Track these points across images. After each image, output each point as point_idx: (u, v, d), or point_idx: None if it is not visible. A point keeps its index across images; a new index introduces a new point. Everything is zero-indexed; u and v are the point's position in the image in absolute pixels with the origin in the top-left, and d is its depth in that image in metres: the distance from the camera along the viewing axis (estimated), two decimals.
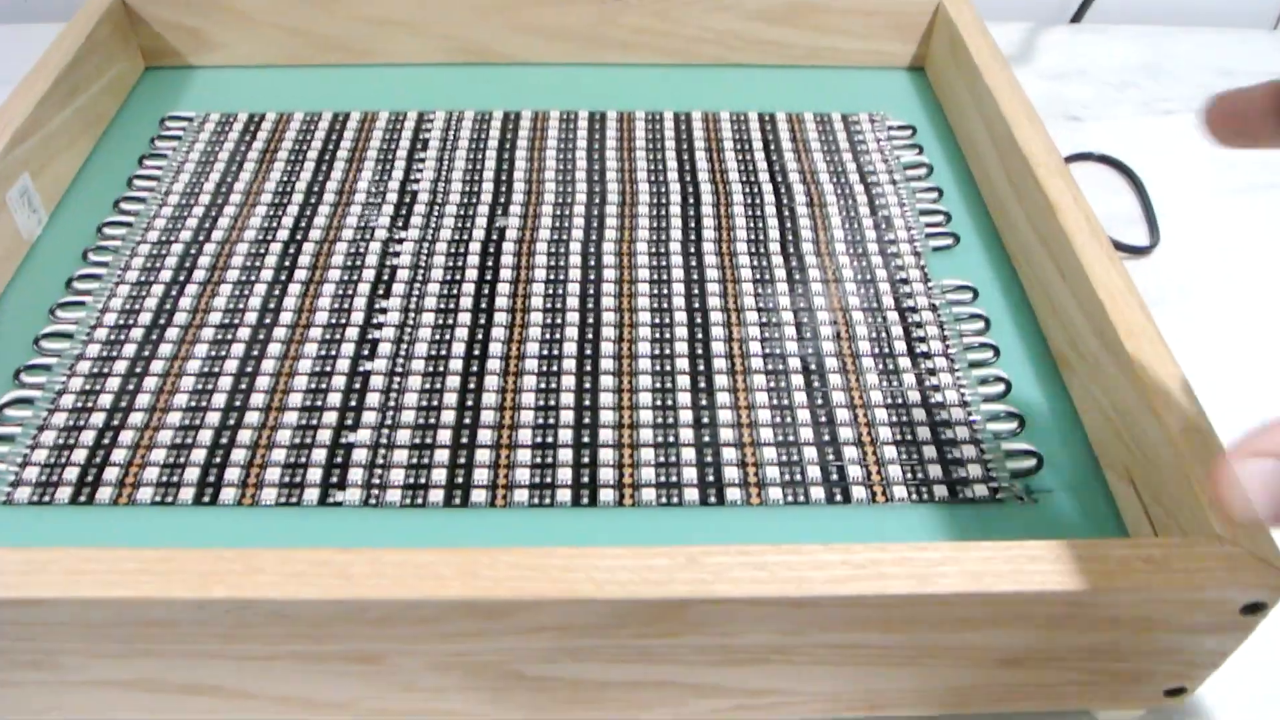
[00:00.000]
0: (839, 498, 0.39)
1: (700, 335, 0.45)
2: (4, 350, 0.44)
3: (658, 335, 0.45)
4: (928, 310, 0.46)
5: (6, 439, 0.41)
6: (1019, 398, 0.43)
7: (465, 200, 0.52)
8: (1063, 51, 0.69)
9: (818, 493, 0.39)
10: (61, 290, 0.47)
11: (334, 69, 0.61)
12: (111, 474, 0.40)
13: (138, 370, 0.43)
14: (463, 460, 0.40)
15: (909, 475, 0.40)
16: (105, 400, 0.42)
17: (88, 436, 0.41)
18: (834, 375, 0.43)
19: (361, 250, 0.49)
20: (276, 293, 0.47)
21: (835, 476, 0.40)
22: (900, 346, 0.45)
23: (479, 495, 0.39)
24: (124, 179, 0.53)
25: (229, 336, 0.45)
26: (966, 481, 0.40)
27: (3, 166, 0.47)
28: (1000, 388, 0.43)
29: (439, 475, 0.40)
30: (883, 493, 0.39)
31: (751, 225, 0.50)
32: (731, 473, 0.40)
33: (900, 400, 0.43)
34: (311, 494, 0.39)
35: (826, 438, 0.41)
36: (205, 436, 0.41)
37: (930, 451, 0.41)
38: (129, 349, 0.44)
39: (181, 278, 0.47)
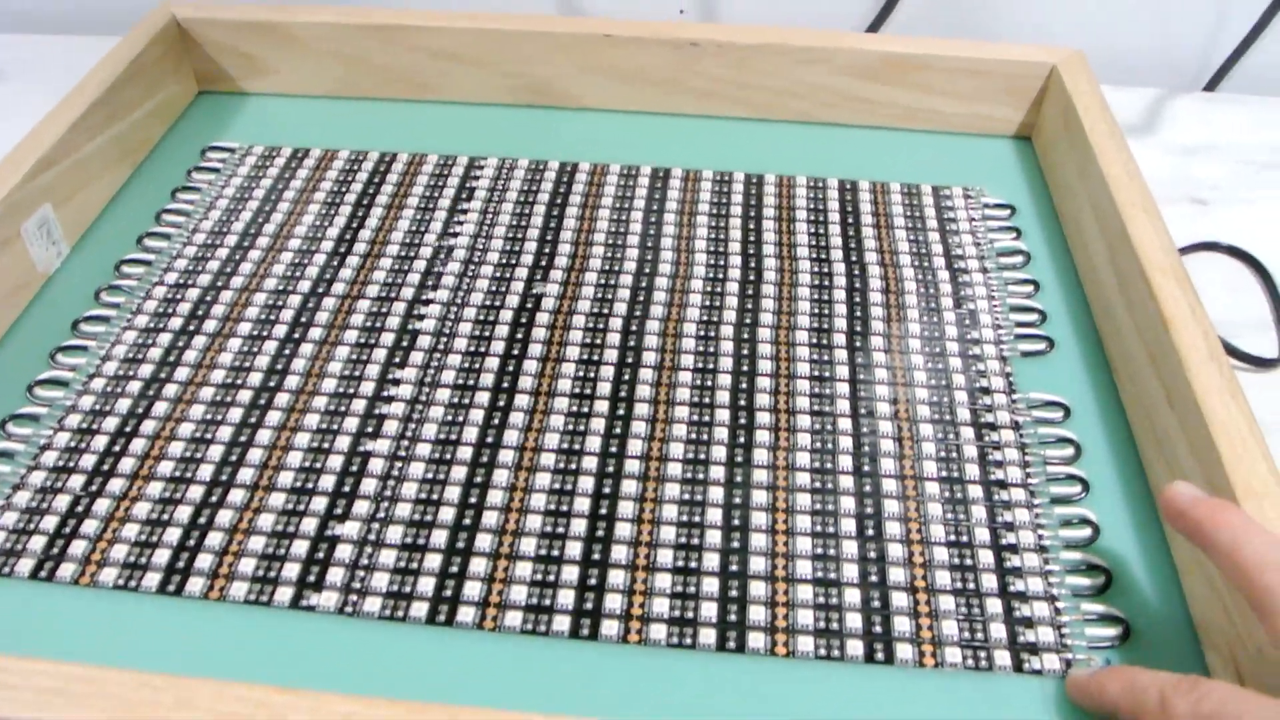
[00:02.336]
0: (879, 656, 0.33)
1: (742, 440, 0.39)
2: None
3: (694, 436, 0.40)
4: (1009, 429, 0.40)
5: None
6: (1108, 547, 0.36)
7: (504, 260, 0.47)
8: (1193, 123, 0.62)
9: (855, 648, 0.34)
10: (68, 332, 0.44)
11: (389, 103, 0.57)
12: (78, 548, 0.36)
13: (127, 429, 0.40)
14: (454, 569, 0.36)
15: (965, 634, 0.34)
16: (87, 461, 0.39)
17: (61, 502, 0.38)
18: (890, 501, 0.37)
19: (384, 310, 0.45)
20: (287, 351, 0.43)
21: (879, 629, 0.34)
22: (972, 471, 0.38)
23: (466, 614, 0.34)
24: (153, 213, 0.50)
25: (229, 398, 0.41)
26: (1035, 649, 0.34)
27: (20, 196, 0.44)
28: (1086, 532, 0.37)
29: (425, 585, 0.35)
30: (932, 654, 0.33)
31: (816, 311, 0.45)
32: (757, 614, 0.34)
33: (965, 538, 0.36)
34: (285, 593, 0.35)
35: (874, 578, 0.35)
36: (183, 514, 0.37)
37: (995, 606, 0.35)
38: (122, 404, 0.41)
39: (191, 327, 0.44)
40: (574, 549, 0.36)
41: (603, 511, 0.37)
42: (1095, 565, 0.36)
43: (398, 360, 0.43)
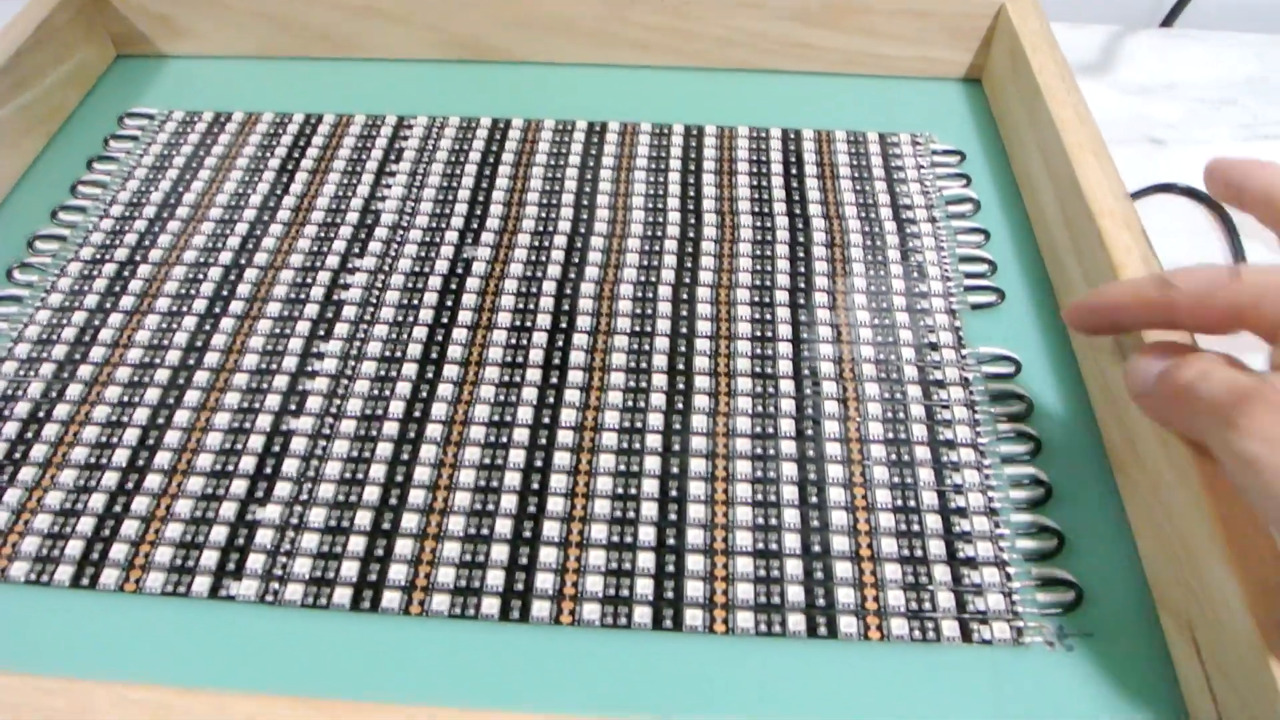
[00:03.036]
0: (822, 630, 0.32)
1: (680, 405, 0.38)
2: None
3: (630, 403, 0.38)
4: (958, 385, 0.39)
5: None
6: (1060, 508, 0.35)
7: (434, 224, 0.45)
8: (1150, 61, 0.60)
9: (796, 622, 0.32)
10: None
11: (314, 62, 0.54)
12: None
13: (40, 414, 0.38)
14: (380, 551, 0.34)
15: (913, 605, 0.33)
16: None
17: None
18: (833, 466, 0.36)
19: (308, 281, 0.43)
20: (207, 327, 0.41)
21: (821, 602, 0.33)
22: (919, 431, 0.37)
23: (391, 598, 0.33)
24: (68, 185, 0.47)
25: (145, 379, 0.39)
26: (984, 617, 0.32)
27: None
28: (1038, 492, 0.35)
29: (349, 570, 0.34)
30: (878, 626, 0.32)
31: (758, 268, 0.43)
32: (695, 589, 0.33)
33: (912, 503, 0.35)
34: (203, 583, 0.34)
35: (816, 548, 0.34)
36: (97, 502, 0.35)
37: (942, 573, 0.33)
38: (35, 388, 0.39)
39: (108, 305, 0.42)
40: (504, 526, 0.35)
41: (534, 486, 0.36)
42: (1046, 527, 0.34)
43: (322, 333, 0.41)
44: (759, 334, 0.40)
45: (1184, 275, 0.29)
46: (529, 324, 0.41)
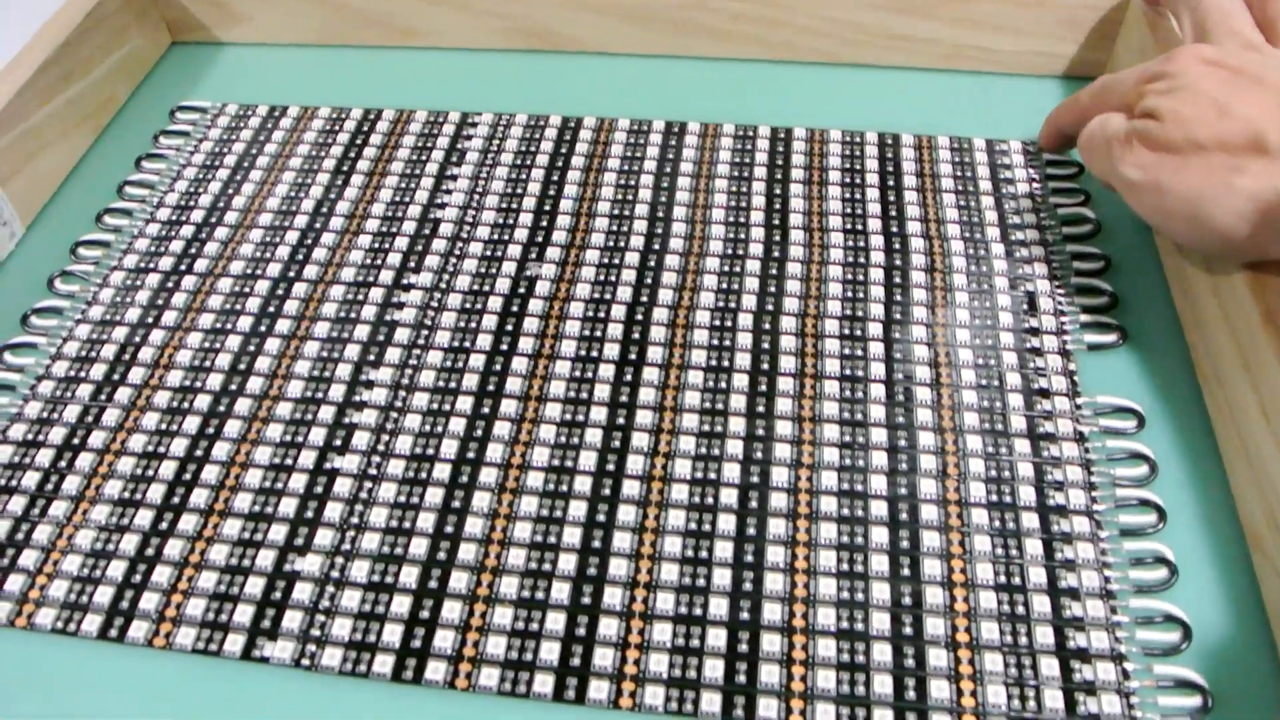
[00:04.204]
0: None
1: (759, 455, 0.34)
2: None
3: (703, 450, 0.34)
4: (1071, 441, 0.34)
5: None
6: (1187, 591, 0.31)
7: (496, 235, 0.42)
8: None
9: (883, 717, 0.29)
10: (16, 327, 0.40)
11: (373, 51, 0.51)
12: (15, 585, 0.33)
13: (74, 442, 0.36)
14: (425, 615, 0.31)
15: (1015, 703, 0.29)
16: (30, 481, 0.35)
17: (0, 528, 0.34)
18: (929, 534, 0.32)
19: (360, 298, 0.40)
20: (251, 349, 0.38)
21: (912, 694, 0.29)
22: (1026, 495, 0.33)
23: (436, 669, 0.30)
24: (116, 184, 0.45)
25: (185, 405, 0.37)
26: None
27: None
28: (1162, 573, 0.31)
29: (392, 635, 0.31)
30: None
31: (849, 295, 0.39)
32: (770, 674, 0.30)
33: (1017, 580, 0.31)
34: (236, 641, 0.31)
35: (908, 630, 0.30)
36: (129, 544, 0.33)
37: (1049, 667, 0.29)
38: (71, 412, 0.37)
39: (149, 319, 0.40)
40: (560, 592, 0.31)
41: (595, 544, 0.32)
42: (1171, 616, 0.30)
43: (372, 358, 0.38)
44: (848, 373, 0.36)
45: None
46: (594, 354, 0.37)
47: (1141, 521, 0.32)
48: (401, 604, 0.31)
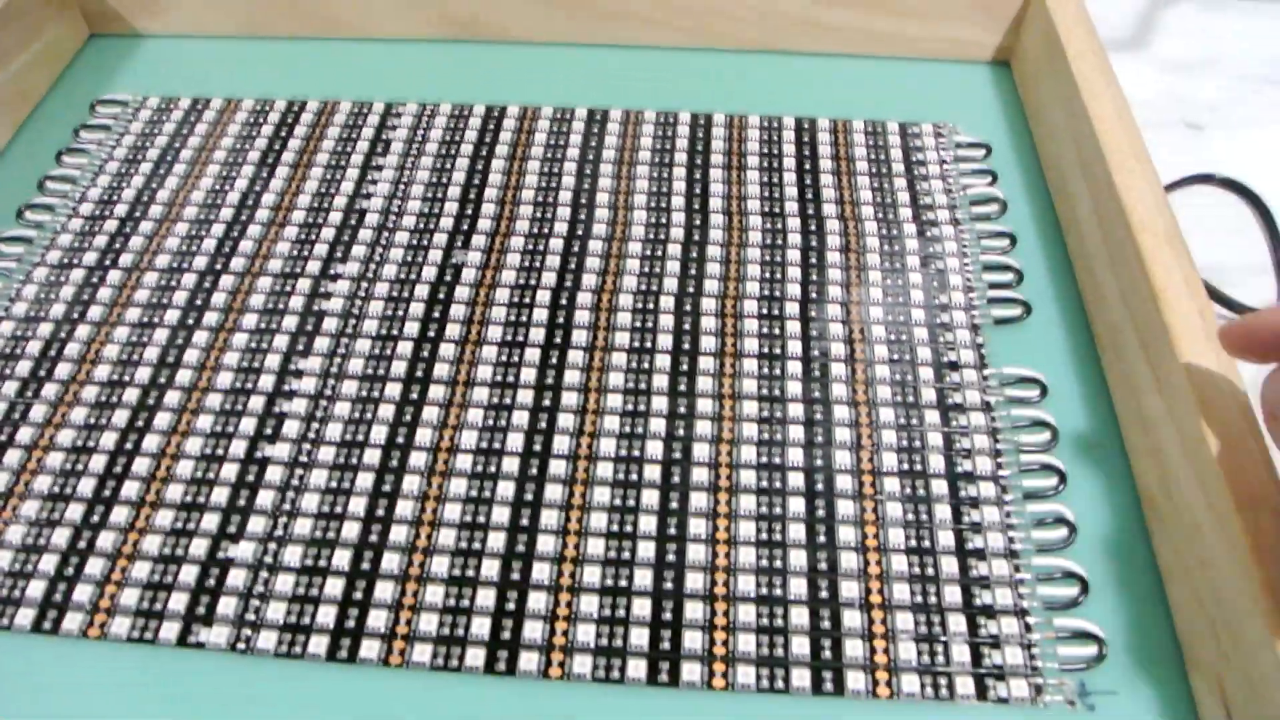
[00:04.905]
0: (828, 686, 0.30)
1: (681, 430, 0.35)
2: None
3: (627, 429, 0.35)
4: (979, 410, 0.36)
5: None
6: (1085, 552, 0.33)
7: (422, 225, 0.42)
8: (1191, 35, 0.56)
9: (801, 677, 0.30)
10: None
11: (297, 42, 0.51)
12: None
13: (0, 440, 0.36)
14: (359, 595, 0.32)
15: (925, 659, 0.30)
16: None
17: None
18: (843, 501, 0.34)
19: (288, 289, 0.40)
20: (179, 342, 0.39)
21: (828, 654, 0.30)
22: (936, 463, 0.35)
23: (370, 647, 0.31)
24: (36, 179, 0.45)
25: (113, 399, 0.37)
26: (1001, 673, 0.30)
27: None
28: (1062, 532, 0.33)
29: (326, 615, 0.32)
30: (887, 683, 0.30)
31: (768, 276, 0.40)
32: (693, 639, 0.31)
33: (927, 543, 0.33)
34: (171, 629, 0.32)
35: (824, 594, 0.32)
36: (61, 537, 0.33)
37: (957, 623, 0.31)
38: None
39: (75, 314, 0.40)
40: (490, 568, 0.32)
41: (523, 521, 0.33)
42: (1070, 573, 0.32)
43: (300, 348, 0.38)
44: (766, 350, 0.38)
45: None
46: (521, 339, 0.38)
47: (1043, 485, 0.34)
48: (335, 586, 0.32)
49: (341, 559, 0.33)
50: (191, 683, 0.31)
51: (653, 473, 0.34)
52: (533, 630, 0.31)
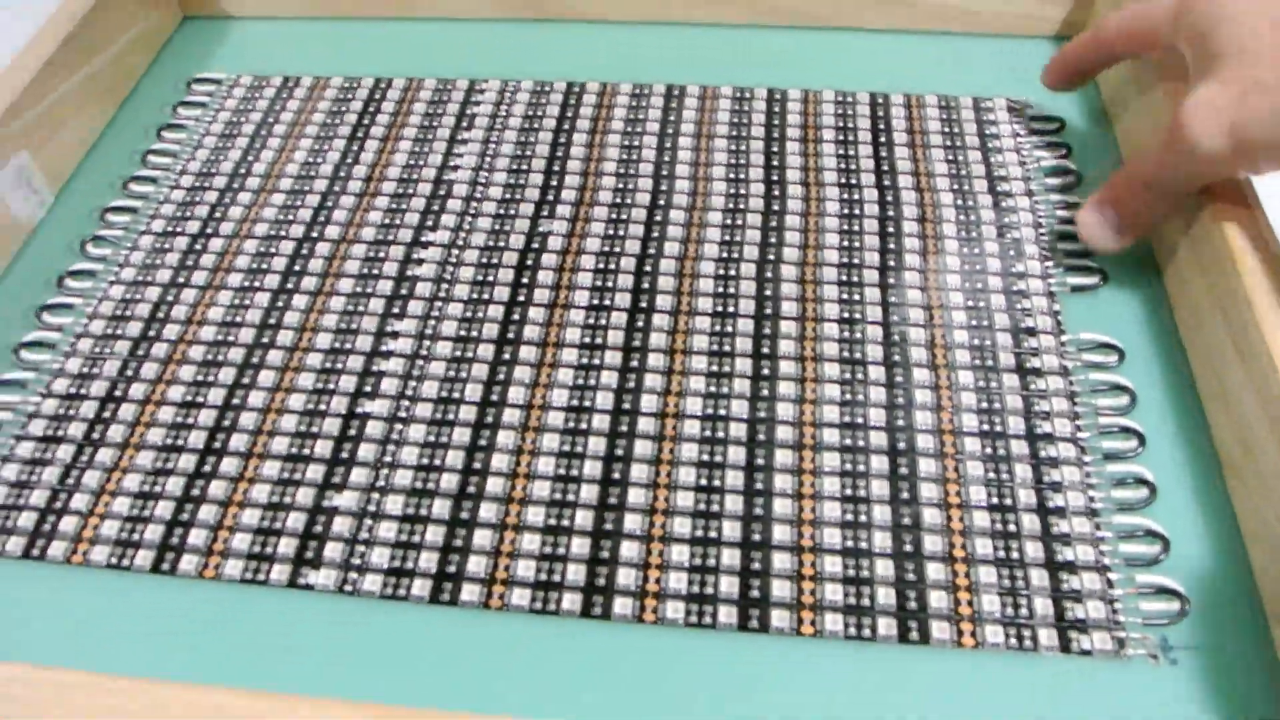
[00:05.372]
0: (914, 635, 0.31)
1: (765, 391, 0.37)
2: None
3: (712, 389, 0.37)
4: (1057, 374, 0.37)
5: None
6: (1165, 510, 0.33)
7: (508, 195, 0.44)
8: None
9: (887, 626, 0.31)
10: (53, 288, 0.42)
11: (382, 22, 0.53)
12: (68, 524, 0.35)
13: (116, 394, 0.38)
14: (459, 542, 0.33)
15: (1008, 611, 0.31)
16: (76, 430, 0.37)
17: (50, 474, 0.36)
18: (926, 460, 0.35)
19: (381, 255, 0.42)
20: (280, 304, 0.40)
21: (913, 605, 0.31)
22: (1016, 424, 0.35)
23: (471, 591, 0.32)
24: (139, 154, 0.47)
25: (219, 357, 0.39)
26: (1084, 626, 0.31)
27: None
28: (1142, 493, 0.34)
29: (428, 560, 0.33)
30: (971, 633, 0.31)
31: (845, 244, 0.41)
32: (781, 588, 0.32)
33: (1008, 501, 0.34)
34: (281, 571, 0.33)
35: (908, 548, 0.33)
36: (174, 485, 0.35)
37: (1040, 578, 0.32)
38: (111, 366, 0.39)
39: (180, 279, 0.41)
40: (583, 518, 0.34)
41: (615, 475, 0.35)
42: (1151, 531, 0.33)
43: (395, 311, 0.40)
44: (846, 316, 0.39)
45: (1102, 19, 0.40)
46: (607, 303, 0.39)
47: (1123, 447, 0.35)
48: (435, 534, 0.34)
49: (441, 508, 0.34)
50: (301, 620, 0.32)
51: (738, 430, 0.35)
52: (626, 577, 0.32)
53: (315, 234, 0.43)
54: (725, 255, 0.41)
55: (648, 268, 0.40)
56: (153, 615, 0.33)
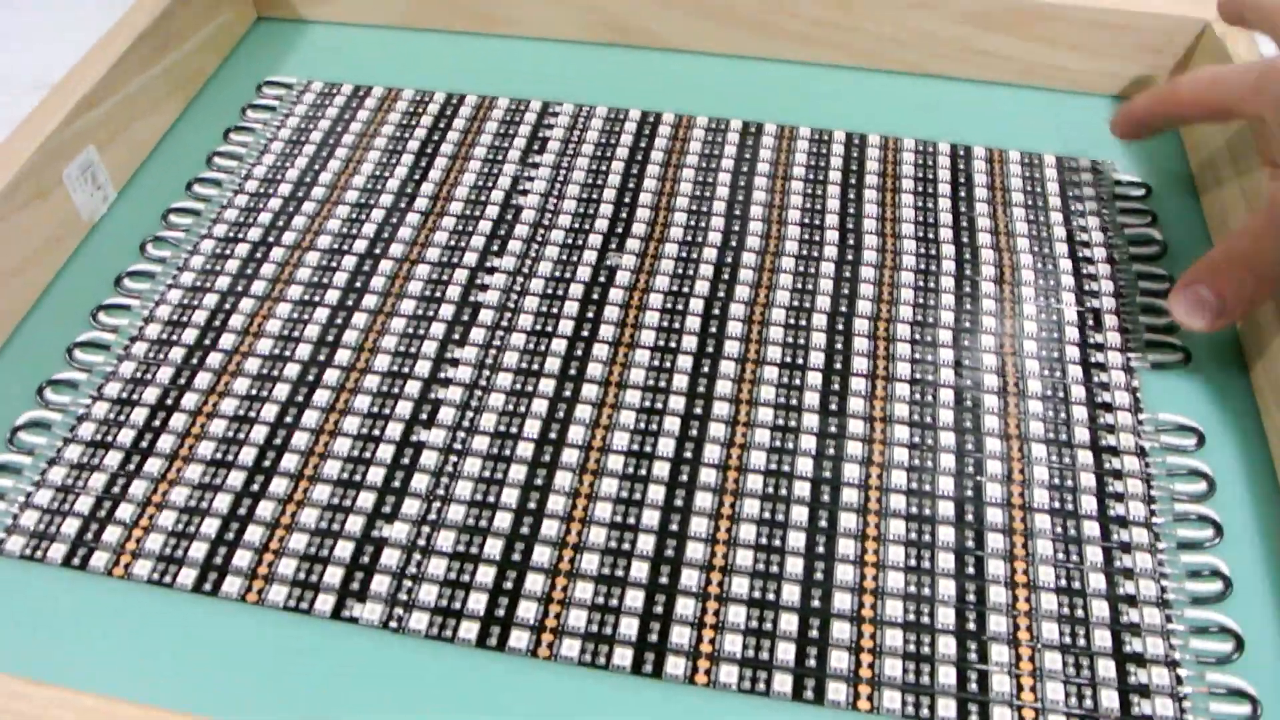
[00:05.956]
0: (973, 718, 0.30)
1: (831, 450, 0.36)
2: (37, 355, 0.39)
3: (777, 443, 0.36)
4: (1133, 455, 0.35)
5: (12, 470, 0.36)
6: (1241, 606, 0.32)
7: (577, 224, 0.43)
8: None
9: (947, 708, 0.30)
10: (110, 288, 0.41)
11: (457, 36, 0.52)
12: (112, 535, 0.34)
13: (167, 402, 0.37)
14: (509, 585, 0.33)
15: (1072, 700, 0.30)
16: (125, 437, 0.36)
17: (97, 480, 0.35)
18: (994, 535, 0.33)
19: (445, 278, 0.41)
20: (339, 321, 0.40)
21: (974, 686, 0.30)
22: (1087, 504, 0.34)
23: (519, 638, 0.31)
24: (205, 155, 0.46)
25: (274, 372, 0.38)
26: None
27: (62, 139, 0.41)
28: (1217, 586, 0.32)
29: (477, 602, 0.32)
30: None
31: (920, 301, 0.40)
32: (839, 660, 0.31)
33: (1077, 584, 0.32)
34: (326, 601, 0.32)
35: (971, 626, 0.32)
36: (222, 503, 0.35)
37: (1107, 669, 0.31)
38: (164, 373, 0.38)
39: (239, 287, 0.41)
40: (639, 570, 0.33)
41: (673, 526, 0.34)
42: (1225, 628, 0.31)
43: (457, 337, 0.39)
44: (919, 376, 0.38)
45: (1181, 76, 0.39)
46: (673, 345, 0.39)
47: (1199, 536, 0.34)
48: (486, 574, 0.33)
49: (493, 548, 0.33)
50: (344, 654, 0.32)
51: (802, 490, 0.35)
52: (680, 635, 0.31)
53: (379, 251, 0.42)
54: (797, 304, 0.40)
55: (716, 311, 0.40)
56: (191, 636, 0.32)
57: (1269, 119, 0.35)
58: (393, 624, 0.32)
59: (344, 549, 0.34)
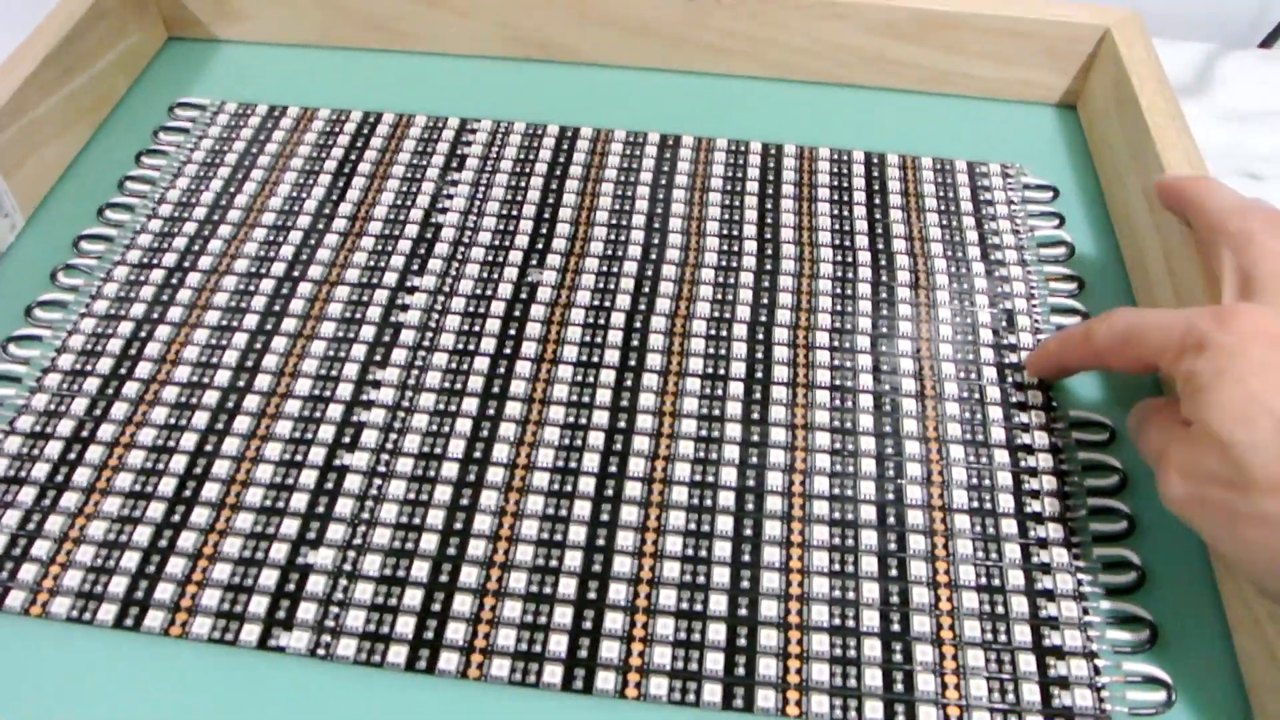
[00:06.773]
0: (900, 718, 0.30)
1: (755, 459, 0.36)
2: None
3: (701, 454, 0.36)
4: (1047, 452, 0.36)
5: None
6: (1153, 596, 0.33)
7: (497, 241, 0.43)
8: (1248, 85, 0.57)
9: (875, 709, 0.31)
10: (20, 320, 0.40)
11: (373, 54, 0.52)
12: (29, 573, 0.33)
13: (83, 434, 0.36)
14: (437, 607, 0.32)
15: (995, 696, 0.31)
16: (39, 472, 0.35)
17: (11, 517, 0.35)
18: (916, 536, 0.34)
19: (365, 299, 0.41)
20: (258, 346, 0.39)
21: (900, 687, 0.31)
22: (1005, 503, 0.35)
23: (449, 660, 0.31)
24: (116, 179, 0.46)
25: (193, 399, 0.37)
26: (1070, 714, 0.31)
27: None
28: (1130, 577, 0.33)
29: (405, 625, 0.32)
30: (960, 717, 0.30)
31: (839, 309, 0.41)
32: (768, 667, 0.31)
33: (997, 582, 0.33)
34: (251, 631, 0.32)
35: (896, 627, 0.32)
36: (142, 535, 0.34)
37: (1028, 663, 0.31)
38: (79, 405, 0.37)
39: (155, 314, 0.40)
40: (567, 587, 0.33)
41: (600, 541, 0.34)
42: (1139, 618, 0.32)
43: (378, 359, 0.39)
44: (839, 383, 0.38)
45: (1099, 321, 0.34)
46: (596, 360, 0.39)
47: (1112, 529, 0.34)
48: (414, 597, 0.33)
49: (420, 570, 0.33)
50: (272, 685, 0.31)
51: (727, 499, 0.35)
52: (609, 650, 0.32)
53: (297, 273, 0.42)
54: (718, 315, 0.40)
55: (638, 324, 0.40)
56: (115, 674, 0.31)
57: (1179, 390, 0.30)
58: (320, 651, 0.32)
59: (269, 577, 0.33)
